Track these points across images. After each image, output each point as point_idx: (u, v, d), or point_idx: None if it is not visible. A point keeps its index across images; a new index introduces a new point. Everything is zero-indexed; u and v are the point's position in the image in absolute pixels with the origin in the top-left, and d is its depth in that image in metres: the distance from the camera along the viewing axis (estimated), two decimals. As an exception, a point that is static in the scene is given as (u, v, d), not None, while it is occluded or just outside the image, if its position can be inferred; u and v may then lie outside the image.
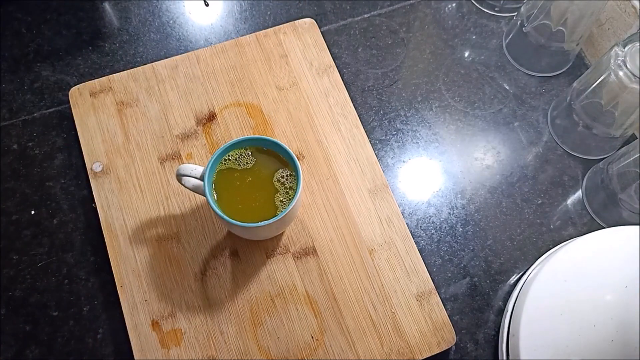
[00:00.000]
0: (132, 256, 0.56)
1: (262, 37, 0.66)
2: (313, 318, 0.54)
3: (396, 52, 0.70)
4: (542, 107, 0.67)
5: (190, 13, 0.71)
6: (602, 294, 0.49)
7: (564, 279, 0.51)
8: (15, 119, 0.64)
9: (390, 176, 0.63)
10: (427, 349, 0.53)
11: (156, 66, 0.64)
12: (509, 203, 0.62)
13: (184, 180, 0.53)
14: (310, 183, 0.60)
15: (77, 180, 0.61)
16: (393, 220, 0.58)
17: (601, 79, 0.57)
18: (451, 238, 0.60)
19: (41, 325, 0.55)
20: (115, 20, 0.70)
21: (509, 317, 0.54)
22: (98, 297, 0.56)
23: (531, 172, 0.64)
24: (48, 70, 0.67)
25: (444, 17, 0.72)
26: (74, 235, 0.59)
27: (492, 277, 0.59)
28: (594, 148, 0.64)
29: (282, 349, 0.53)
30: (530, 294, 0.52)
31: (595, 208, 0.62)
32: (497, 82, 0.69)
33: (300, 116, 0.63)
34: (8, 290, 0.56)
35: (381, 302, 0.55)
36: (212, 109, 0.63)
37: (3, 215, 0.59)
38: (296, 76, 0.65)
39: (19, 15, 0.69)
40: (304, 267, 0.56)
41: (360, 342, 0.54)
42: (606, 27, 0.66)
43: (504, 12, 0.72)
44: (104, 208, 0.58)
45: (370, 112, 0.66)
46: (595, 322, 0.48)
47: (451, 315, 0.56)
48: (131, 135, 0.61)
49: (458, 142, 0.65)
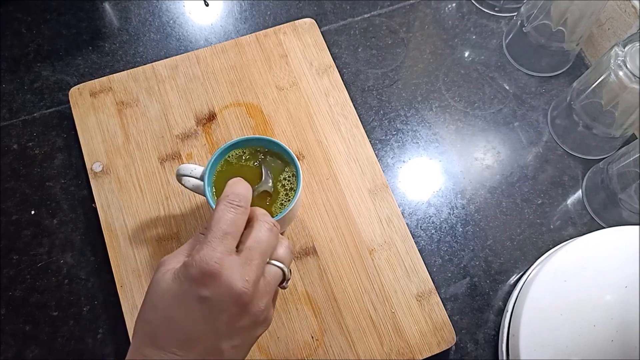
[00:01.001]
0: (132, 256, 0.56)
1: (262, 37, 0.66)
2: (313, 318, 0.54)
3: (396, 52, 0.70)
4: (542, 107, 0.67)
5: (190, 13, 0.71)
6: (602, 294, 0.49)
7: (564, 279, 0.51)
8: (15, 119, 0.64)
9: (390, 176, 0.63)
10: (427, 349, 0.54)
11: (156, 66, 0.64)
12: (509, 203, 0.62)
13: (184, 180, 0.53)
14: (310, 183, 0.60)
15: (77, 180, 0.61)
16: (393, 220, 0.58)
17: (601, 79, 0.57)
18: (451, 238, 0.60)
19: (41, 325, 0.55)
20: (115, 20, 0.70)
21: (509, 317, 0.54)
22: (98, 297, 0.56)
23: (531, 172, 0.64)
24: (48, 70, 0.67)
25: (444, 17, 0.72)
26: (74, 235, 0.59)
27: (492, 277, 0.59)
28: (594, 148, 0.64)
29: (282, 349, 0.53)
30: (530, 294, 0.52)
31: (595, 208, 0.62)
32: (497, 82, 0.69)
33: (300, 116, 0.63)
34: (8, 290, 0.56)
35: (381, 302, 0.55)
36: (212, 109, 0.63)
37: (3, 215, 0.59)
38: (296, 76, 0.65)
39: (19, 15, 0.69)
40: (304, 267, 0.56)
41: (360, 342, 0.54)
42: (606, 27, 0.66)
43: (504, 12, 0.72)
44: (104, 208, 0.58)
45: (370, 112, 0.66)
46: (595, 322, 0.48)
47: (451, 315, 0.56)
48: (131, 135, 0.61)
49: (458, 142, 0.65)
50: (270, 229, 0.40)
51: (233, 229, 0.38)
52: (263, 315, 0.38)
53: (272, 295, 0.39)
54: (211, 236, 0.37)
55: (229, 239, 0.37)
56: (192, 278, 0.36)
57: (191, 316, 0.36)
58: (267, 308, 0.39)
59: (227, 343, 0.37)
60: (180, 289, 0.36)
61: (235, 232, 0.38)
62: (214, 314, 0.36)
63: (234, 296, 0.36)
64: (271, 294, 0.39)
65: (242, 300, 0.36)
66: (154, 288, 0.37)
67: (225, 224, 0.38)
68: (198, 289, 0.36)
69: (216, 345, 0.37)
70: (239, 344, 0.38)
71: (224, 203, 0.39)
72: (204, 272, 0.36)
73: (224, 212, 0.38)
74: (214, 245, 0.37)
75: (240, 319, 0.37)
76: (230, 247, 0.37)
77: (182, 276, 0.36)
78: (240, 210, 0.39)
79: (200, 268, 0.36)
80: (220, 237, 0.37)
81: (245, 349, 0.39)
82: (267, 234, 0.39)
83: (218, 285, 0.36)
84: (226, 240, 0.37)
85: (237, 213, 0.39)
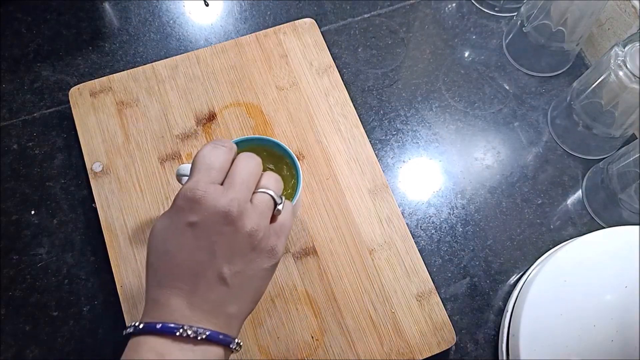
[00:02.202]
0: (132, 256, 0.56)
1: (262, 37, 0.66)
2: (313, 318, 0.54)
3: (396, 52, 0.70)
4: (542, 107, 0.67)
5: (190, 13, 0.71)
6: (602, 294, 0.49)
7: (564, 279, 0.52)
8: (15, 119, 0.64)
9: (390, 176, 0.63)
10: (427, 349, 0.54)
11: (156, 66, 0.64)
12: (509, 203, 0.62)
13: (184, 180, 0.53)
14: (310, 183, 0.60)
15: (77, 180, 0.61)
16: (393, 220, 0.58)
17: (601, 79, 0.57)
18: (451, 238, 0.60)
19: (41, 325, 0.55)
20: (115, 20, 0.70)
21: (509, 317, 0.54)
22: (98, 297, 0.56)
23: (531, 172, 0.64)
24: (48, 70, 0.67)
25: (444, 17, 0.72)
26: (74, 235, 0.59)
27: (492, 277, 0.59)
28: (594, 148, 0.64)
29: (282, 349, 0.53)
30: (530, 294, 0.52)
31: (595, 208, 0.62)
32: (497, 82, 0.69)
33: (300, 116, 0.63)
34: (8, 290, 0.56)
35: (381, 302, 0.55)
36: (212, 109, 0.63)
37: (3, 215, 0.59)
38: (296, 76, 0.65)
39: (19, 15, 0.69)
40: (304, 267, 0.56)
41: (360, 342, 0.54)
42: (606, 27, 0.66)
43: (504, 12, 0.72)
44: (104, 208, 0.58)
45: (370, 112, 0.66)
46: (595, 322, 0.48)
47: (451, 315, 0.56)
48: (131, 135, 0.61)
49: (458, 142, 0.65)
50: (250, 157, 0.40)
51: (217, 165, 0.39)
52: (263, 242, 0.38)
53: (265, 220, 0.39)
54: (196, 170, 0.38)
55: (213, 172, 0.38)
56: (179, 208, 0.37)
57: (185, 245, 0.37)
58: (266, 236, 0.38)
59: (227, 268, 0.37)
60: (170, 222, 0.37)
61: (220, 168, 0.39)
62: (206, 236, 0.37)
63: (221, 214, 0.36)
64: (263, 218, 0.39)
65: (230, 217, 0.36)
66: (152, 232, 0.38)
67: (210, 159, 0.39)
68: (186, 216, 0.37)
69: (217, 271, 0.37)
70: (240, 270, 0.37)
71: (209, 144, 0.40)
72: (189, 198, 0.37)
73: (208, 149, 0.39)
74: (199, 177, 0.38)
75: (234, 240, 0.37)
76: (214, 179, 0.38)
77: (171, 211, 0.38)
78: (224, 150, 0.40)
79: (185, 197, 0.37)
80: (205, 169, 0.38)
81: (253, 280, 0.38)
82: (248, 162, 0.40)
83: (204, 208, 0.36)
84: (211, 173, 0.38)
85: (221, 151, 0.39)
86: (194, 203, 0.36)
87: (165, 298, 0.36)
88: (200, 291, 0.36)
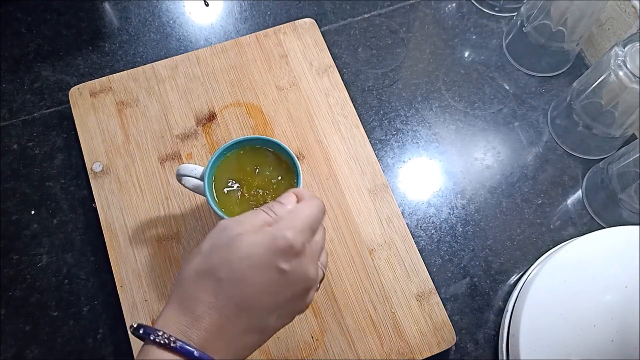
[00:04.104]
0: (132, 256, 0.56)
1: (262, 37, 0.66)
2: (313, 318, 0.54)
3: (396, 52, 0.70)
4: (542, 107, 0.67)
5: (190, 13, 0.71)
6: (602, 294, 0.49)
7: (564, 279, 0.52)
8: (15, 119, 0.64)
9: (390, 176, 0.63)
10: (427, 349, 0.54)
11: (156, 66, 0.64)
12: (509, 203, 0.62)
13: (184, 180, 0.53)
14: (310, 183, 0.60)
15: (77, 180, 0.61)
16: (393, 220, 0.58)
17: (601, 79, 0.57)
18: (451, 238, 0.60)
19: (41, 325, 0.55)
20: (115, 20, 0.70)
21: (509, 317, 0.54)
22: (98, 297, 0.56)
23: (531, 172, 0.64)
24: (48, 70, 0.67)
25: (444, 17, 0.72)
26: (74, 235, 0.59)
27: (492, 277, 0.59)
28: (594, 148, 0.64)
29: (282, 349, 0.53)
30: (530, 294, 0.52)
31: (595, 208, 0.62)
32: (497, 82, 0.69)
33: (300, 116, 0.63)
34: (8, 290, 0.56)
35: (381, 302, 0.55)
36: (212, 109, 0.63)
37: (3, 215, 0.59)
38: (296, 76, 0.65)
39: (19, 15, 0.69)
40: (304, 267, 0.56)
41: (360, 342, 0.54)
42: (606, 27, 0.66)
43: (504, 12, 0.72)
44: (104, 208, 0.58)
45: (370, 112, 0.66)
46: (595, 322, 0.48)
47: (451, 315, 0.56)
48: (131, 135, 0.61)
49: (458, 142, 0.65)
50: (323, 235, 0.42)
51: (315, 227, 0.40)
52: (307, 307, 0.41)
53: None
54: (301, 222, 0.39)
55: (310, 233, 0.40)
56: (278, 248, 0.37)
57: (264, 283, 0.37)
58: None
59: (275, 320, 0.38)
60: (263, 255, 0.37)
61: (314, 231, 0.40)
62: (284, 287, 0.37)
63: (307, 280, 0.38)
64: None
65: (309, 285, 0.39)
66: (232, 248, 0.37)
67: (313, 221, 0.40)
68: (280, 260, 0.37)
69: (265, 318, 0.37)
70: (279, 327, 0.39)
71: (320, 202, 0.41)
72: (291, 246, 0.37)
73: (319, 210, 0.41)
74: (302, 229, 0.38)
75: (296, 307, 0.39)
76: (309, 240, 0.39)
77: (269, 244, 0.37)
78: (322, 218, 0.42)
79: (287, 242, 0.37)
80: (307, 228, 0.39)
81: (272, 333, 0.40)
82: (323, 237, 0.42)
83: (299, 264, 0.37)
84: (309, 233, 0.39)
85: (322, 219, 0.41)
86: (293, 254, 0.37)
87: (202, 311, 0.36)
88: (238, 326, 0.36)
